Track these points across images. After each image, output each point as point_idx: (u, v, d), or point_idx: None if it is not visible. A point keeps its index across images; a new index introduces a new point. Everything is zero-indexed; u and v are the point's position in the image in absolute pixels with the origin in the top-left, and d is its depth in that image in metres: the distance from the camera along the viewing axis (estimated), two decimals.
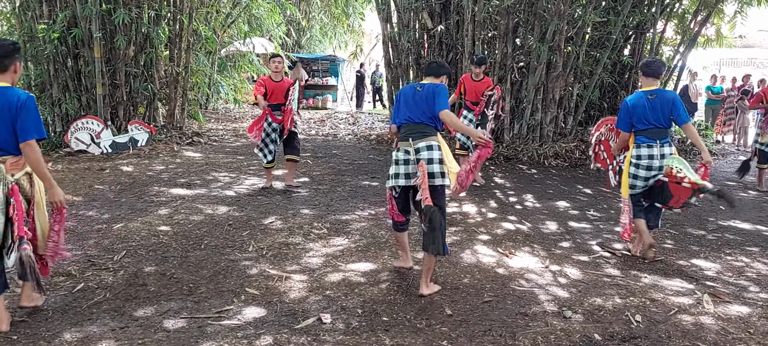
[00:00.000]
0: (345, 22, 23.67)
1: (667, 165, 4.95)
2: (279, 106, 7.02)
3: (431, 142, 4.16)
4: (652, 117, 4.96)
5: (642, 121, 4.98)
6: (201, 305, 3.89)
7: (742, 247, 5.67)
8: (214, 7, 13.72)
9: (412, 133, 4.19)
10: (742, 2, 13.25)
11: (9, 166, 3.39)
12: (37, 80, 9.93)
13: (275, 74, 7.06)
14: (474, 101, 7.59)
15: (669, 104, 4.96)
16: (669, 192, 4.94)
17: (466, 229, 5.90)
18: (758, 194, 8.39)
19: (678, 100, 5.05)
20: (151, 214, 6.03)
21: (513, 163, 10.02)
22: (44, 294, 3.71)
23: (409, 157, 4.16)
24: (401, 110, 4.32)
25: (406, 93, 4.38)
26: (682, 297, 4.27)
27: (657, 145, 4.98)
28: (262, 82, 7.10)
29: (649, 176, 5.01)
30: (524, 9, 10.50)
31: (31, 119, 3.37)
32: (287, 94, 6.99)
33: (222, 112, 17.31)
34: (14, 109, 3.33)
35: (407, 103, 4.29)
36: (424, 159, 4.07)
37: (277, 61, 7.15)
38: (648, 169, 4.99)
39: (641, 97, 5.02)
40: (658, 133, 4.99)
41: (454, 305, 3.99)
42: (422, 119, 4.20)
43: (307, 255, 4.94)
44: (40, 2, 9.61)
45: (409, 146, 4.17)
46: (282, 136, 7.08)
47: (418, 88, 4.32)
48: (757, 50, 27.04)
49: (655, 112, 4.96)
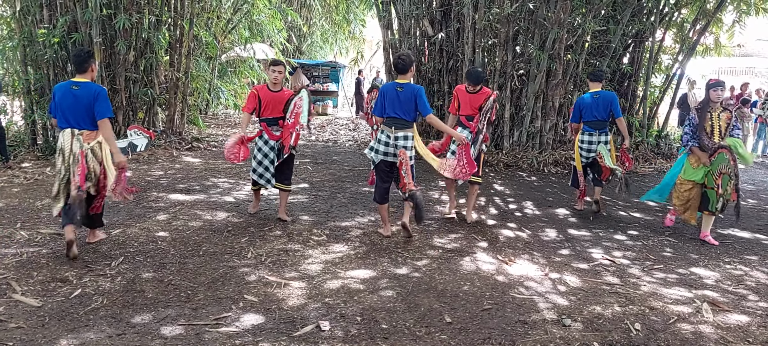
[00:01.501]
0: (346, 29, 23.73)
1: (598, 150, 6.71)
2: (276, 121, 5.96)
3: (408, 132, 5.44)
4: (595, 111, 6.74)
5: (588, 114, 6.78)
6: (199, 311, 3.87)
7: (741, 255, 5.66)
8: (215, 12, 13.75)
9: (395, 123, 5.42)
10: (741, 12, 13.29)
11: (85, 137, 4.85)
12: (37, 85, 9.91)
13: (274, 84, 5.96)
14: (469, 116, 6.23)
15: (608, 102, 6.74)
16: (600, 168, 6.84)
17: (465, 236, 5.89)
18: (757, 202, 8.38)
19: (615, 98, 6.82)
20: (150, 219, 6.01)
21: (513, 170, 10.02)
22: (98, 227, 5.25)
23: (389, 141, 5.43)
24: (386, 106, 5.46)
25: (389, 91, 5.47)
26: (681, 306, 4.26)
27: (596, 133, 6.77)
28: (255, 92, 5.98)
29: (588, 157, 6.87)
30: (524, 17, 10.52)
31: (104, 105, 4.86)
32: (287, 107, 5.94)
33: (222, 118, 17.31)
34: (92, 98, 4.82)
35: (390, 101, 5.43)
36: (403, 146, 5.36)
37: (277, 70, 5.98)
38: (588, 152, 6.86)
39: (589, 96, 6.82)
40: (598, 124, 6.76)
41: (453, 313, 3.98)
42: (403, 116, 5.41)
43: (306, 262, 4.92)
44: (40, 7, 9.60)
45: (391, 133, 5.41)
46: (280, 156, 5.96)
47: (399, 88, 5.42)
48: (755, 59, 27.14)
49: (598, 108, 6.73)
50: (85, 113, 4.83)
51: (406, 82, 5.46)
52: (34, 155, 9.54)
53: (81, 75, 4.91)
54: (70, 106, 4.82)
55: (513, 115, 10.87)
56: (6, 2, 10.59)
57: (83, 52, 4.96)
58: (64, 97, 4.83)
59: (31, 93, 10.01)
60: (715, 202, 5.92)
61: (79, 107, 4.81)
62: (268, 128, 5.95)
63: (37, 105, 9.99)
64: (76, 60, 4.92)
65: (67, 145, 4.81)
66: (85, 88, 4.83)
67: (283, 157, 5.93)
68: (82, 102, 4.81)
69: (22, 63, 10.04)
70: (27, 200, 6.69)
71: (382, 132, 5.49)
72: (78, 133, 4.82)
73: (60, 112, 4.86)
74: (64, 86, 4.90)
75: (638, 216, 7.20)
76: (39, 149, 9.81)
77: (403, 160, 5.34)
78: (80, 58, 4.89)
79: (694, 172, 6.01)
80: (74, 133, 4.82)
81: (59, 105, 4.85)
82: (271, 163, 5.97)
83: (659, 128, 13.38)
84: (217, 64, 15.21)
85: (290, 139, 5.87)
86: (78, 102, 4.81)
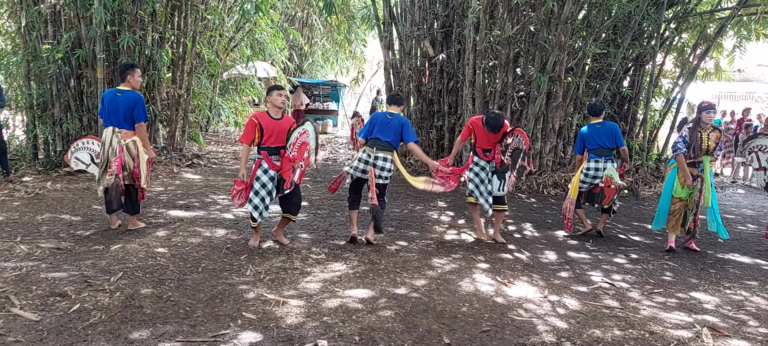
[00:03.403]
0: (347, 48, 23.88)
1: (606, 175, 6.76)
2: (278, 150, 5.61)
3: (387, 155, 5.98)
4: (599, 140, 6.90)
5: (593, 143, 6.92)
6: (197, 328, 3.86)
7: (742, 280, 5.65)
8: (217, 30, 13.85)
9: (377, 145, 5.98)
10: (741, 37, 13.40)
11: (123, 135, 5.92)
12: (40, 100, 9.96)
13: (275, 110, 5.61)
14: (487, 149, 6.36)
15: (612, 132, 6.89)
16: (603, 194, 6.92)
17: (464, 257, 5.89)
18: (757, 228, 8.38)
19: (617, 128, 6.98)
20: (149, 235, 6.01)
21: (512, 192, 10.02)
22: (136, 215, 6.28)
23: (368, 159, 5.98)
24: (374, 131, 6.03)
25: (380, 119, 6.10)
26: (681, 330, 4.24)
27: (602, 160, 6.88)
28: (256, 122, 5.56)
29: (592, 183, 6.95)
30: (525, 39, 10.59)
31: (141, 110, 5.95)
32: (289, 136, 5.61)
33: (222, 135, 17.36)
34: (131, 104, 5.90)
35: (379, 126, 6.02)
36: (378, 166, 5.92)
37: (282, 96, 5.64)
38: (594, 178, 6.92)
39: (591, 127, 6.99)
40: (604, 152, 6.89)
41: (452, 334, 3.96)
42: (389, 140, 5.98)
43: (305, 280, 4.91)
44: (45, 23, 9.69)
45: (372, 152, 5.97)
46: (280, 189, 5.63)
47: (389, 116, 6.06)
48: (755, 84, 27.29)
49: (602, 137, 6.89)
50: (123, 116, 5.90)
51: (397, 113, 6.14)
52: (35, 169, 9.55)
53: (123, 84, 5.98)
54: (113, 109, 5.89)
55: None
56: (11, 17, 10.67)
57: (124, 65, 6.14)
58: (110, 102, 5.90)
59: (34, 108, 10.05)
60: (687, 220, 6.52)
61: (119, 111, 5.88)
62: (268, 157, 5.59)
63: (40, 120, 10.04)
64: (119, 71, 6.15)
65: (108, 139, 5.89)
66: (126, 95, 5.91)
67: (283, 192, 5.61)
68: (122, 107, 5.87)
69: (25, 78, 10.10)
70: (27, 214, 6.69)
71: (364, 151, 6.06)
72: (117, 131, 5.89)
73: (106, 114, 5.95)
74: (111, 93, 5.97)
75: (638, 239, 7.20)
76: (40, 164, 9.83)
77: (371, 178, 5.90)
78: (121, 69, 6.08)
79: (683, 190, 6.44)
80: (114, 131, 5.89)
81: (106, 108, 5.93)
82: (268, 195, 5.61)
83: (659, 152, 13.42)
84: (218, 81, 15.28)
85: (292, 176, 5.55)
86: (119, 106, 5.88)
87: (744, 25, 13.28)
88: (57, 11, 9.72)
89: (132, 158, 5.98)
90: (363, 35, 22.95)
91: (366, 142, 6.10)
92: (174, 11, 11.24)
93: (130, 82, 5.97)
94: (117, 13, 9.64)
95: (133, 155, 5.98)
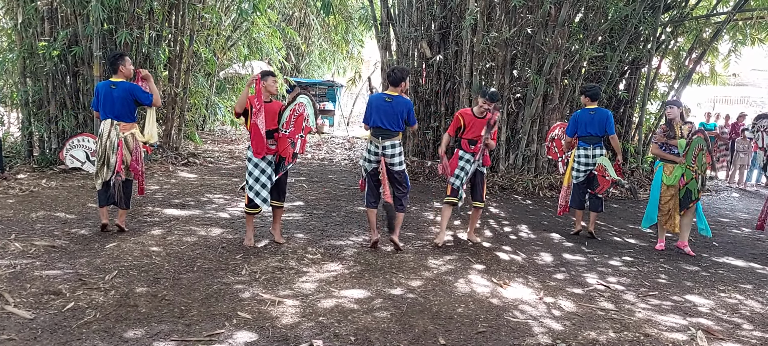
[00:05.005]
0: (344, 49, 23.89)
1: (599, 163, 6.83)
2: (272, 133, 5.65)
3: (395, 141, 5.79)
4: (590, 127, 6.82)
5: (583, 130, 6.86)
6: (192, 327, 3.85)
7: (736, 284, 5.67)
8: (215, 29, 13.83)
9: (382, 134, 5.77)
10: (736, 41, 13.46)
11: (122, 127, 5.82)
12: (35, 97, 9.93)
13: (266, 95, 5.63)
14: (472, 140, 6.18)
15: (604, 119, 6.80)
16: (597, 182, 6.95)
17: (460, 258, 5.89)
18: (752, 232, 8.41)
19: (610, 115, 6.89)
20: (144, 234, 5.99)
21: (508, 194, 10.04)
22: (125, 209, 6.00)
23: (377, 151, 5.79)
24: (373, 115, 5.81)
25: (377, 102, 5.84)
26: (676, 333, 4.26)
27: (591, 147, 6.87)
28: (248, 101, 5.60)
29: (586, 170, 6.94)
30: (522, 42, 10.61)
31: (142, 95, 5.91)
32: (280, 117, 5.69)
33: (218, 134, 17.33)
34: (128, 94, 5.83)
35: (378, 111, 5.78)
36: (387, 155, 5.75)
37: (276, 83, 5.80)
38: (586, 166, 6.93)
39: (585, 113, 6.88)
40: (593, 139, 6.86)
41: (448, 335, 3.97)
42: (390, 126, 5.76)
43: (301, 280, 4.91)
44: (42, 19, 9.66)
45: (378, 143, 5.76)
46: (280, 168, 5.72)
47: (387, 99, 5.78)
48: (750, 89, 27.43)
49: (593, 124, 6.81)
50: (121, 108, 5.80)
51: (396, 95, 5.82)
52: (30, 167, 9.52)
53: (115, 75, 5.87)
54: (109, 102, 5.79)
55: (509, 139, 10.92)
56: (7, 14, 10.64)
57: (113, 55, 5.99)
58: (105, 95, 5.80)
59: (29, 105, 10.02)
60: (696, 190, 6.47)
61: (116, 103, 5.78)
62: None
63: (35, 117, 10.00)
64: (109, 62, 5.99)
65: (106, 132, 5.81)
66: (121, 86, 5.82)
67: (284, 169, 5.69)
68: (118, 98, 5.78)
69: (21, 75, 10.07)
70: (21, 212, 6.66)
71: (371, 143, 5.88)
72: (116, 124, 5.81)
73: (101, 106, 5.85)
74: (105, 85, 5.86)
75: (633, 242, 7.22)
76: (35, 161, 9.80)
77: (382, 169, 5.76)
78: (111, 60, 5.94)
79: (672, 177, 6.55)
80: (113, 123, 5.81)
81: (100, 101, 5.83)
82: (268, 179, 5.63)
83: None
84: (215, 80, 15.26)
85: (292, 149, 5.64)
86: (115, 98, 5.78)
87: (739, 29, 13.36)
88: (54, 8, 9.69)
89: (129, 152, 5.89)
90: (360, 36, 22.95)
91: (368, 129, 5.92)
92: (171, 9, 11.22)
93: (122, 71, 5.85)
94: (114, 10, 9.61)
95: (132, 149, 5.89)
